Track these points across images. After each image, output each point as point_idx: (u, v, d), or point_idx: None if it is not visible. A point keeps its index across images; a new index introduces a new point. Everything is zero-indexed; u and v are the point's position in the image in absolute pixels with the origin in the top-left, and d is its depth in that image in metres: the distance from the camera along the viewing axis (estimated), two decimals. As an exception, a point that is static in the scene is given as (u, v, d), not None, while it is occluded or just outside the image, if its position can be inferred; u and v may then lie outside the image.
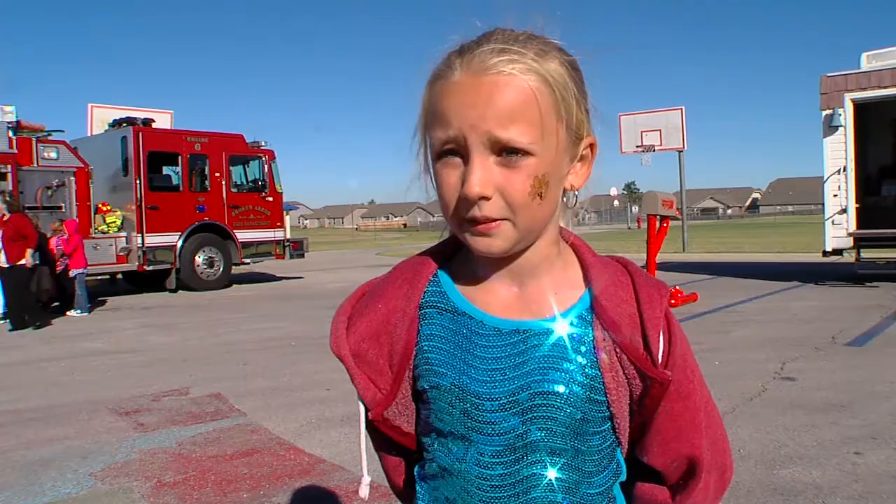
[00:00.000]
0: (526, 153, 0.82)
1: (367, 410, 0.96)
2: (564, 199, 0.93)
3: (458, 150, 0.84)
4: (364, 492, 1.00)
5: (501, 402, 0.88)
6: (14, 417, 5.46)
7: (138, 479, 4.00)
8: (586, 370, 0.88)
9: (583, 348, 0.89)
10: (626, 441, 0.93)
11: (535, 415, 0.87)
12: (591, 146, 0.92)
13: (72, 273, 12.15)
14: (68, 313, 12.09)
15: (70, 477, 4.07)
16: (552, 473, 0.88)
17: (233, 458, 4.31)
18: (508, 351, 0.89)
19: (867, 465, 3.80)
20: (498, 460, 0.88)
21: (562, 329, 0.89)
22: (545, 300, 0.91)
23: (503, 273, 0.92)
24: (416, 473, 1.00)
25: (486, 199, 0.83)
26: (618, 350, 0.89)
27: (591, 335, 0.89)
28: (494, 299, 0.92)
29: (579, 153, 0.91)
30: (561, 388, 0.87)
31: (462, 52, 0.85)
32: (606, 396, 0.89)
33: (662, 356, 0.89)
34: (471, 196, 0.82)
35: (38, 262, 11.30)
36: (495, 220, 0.84)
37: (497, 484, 0.88)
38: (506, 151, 0.82)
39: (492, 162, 0.83)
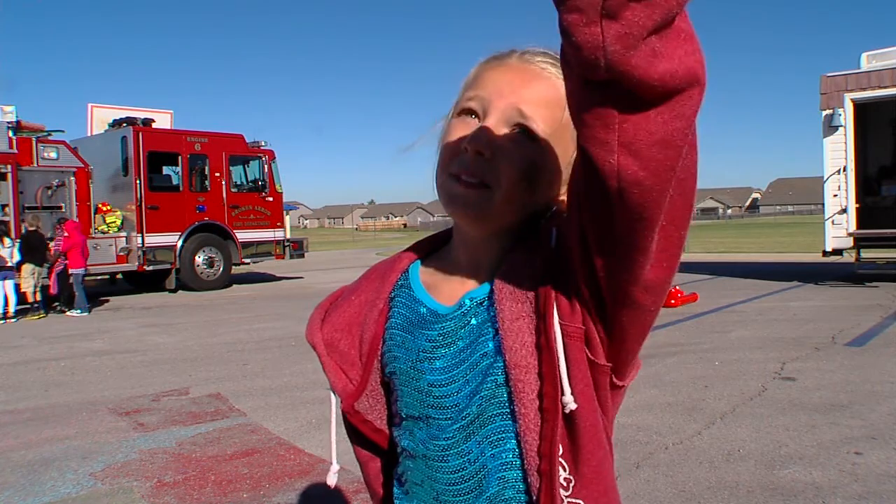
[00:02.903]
0: (535, 137, 0.86)
1: (338, 402, 0.99)
2: (548, 215, 0.91)
3: (478, 111, 0.88)
4: (332, 480, 1.03)
5: (449, 379, 0.89)
6: (14, 417, 5.46)
7: (138, 479, 4.00)
8: (493, 324, 0.86)
9: (490, 301, 0.87)
10: (522, 379, 0.85)
11: (479, 387, 0.87)
12: None
13: (70, 272, 12.17)
14: (68, 313, 12.10)
15: (70, 477, 4.07)
16: (503, 446, 0.86)
17: (233, 458, 4.31)
18: (458, 325, 0.90)
19: (867, 465, 3.80)
20: (455, 439, 0.88)
21: (481, 294, 0.90)
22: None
23: (470, 262, 0.94)
24: (393, 475, 1.01)
25: (482, 155, 0.84)
26: (518, 259, 0.87)
27: (489, 287, 0.89)
28: (452, 287, 0.94)
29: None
30: (490, 346, 0.86)
31: (523, 51, 0.91)
32: (500, 333, 0.85)
33: (558, 241, 0.85)
34: (470, 146, 0.85)
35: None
36: (480, 179, 0.85)
37: (458, 463, 0.88)
38: (518, 129, 0.86)
39: (503, 129, 0.86)
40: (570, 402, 0.80)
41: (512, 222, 0.90)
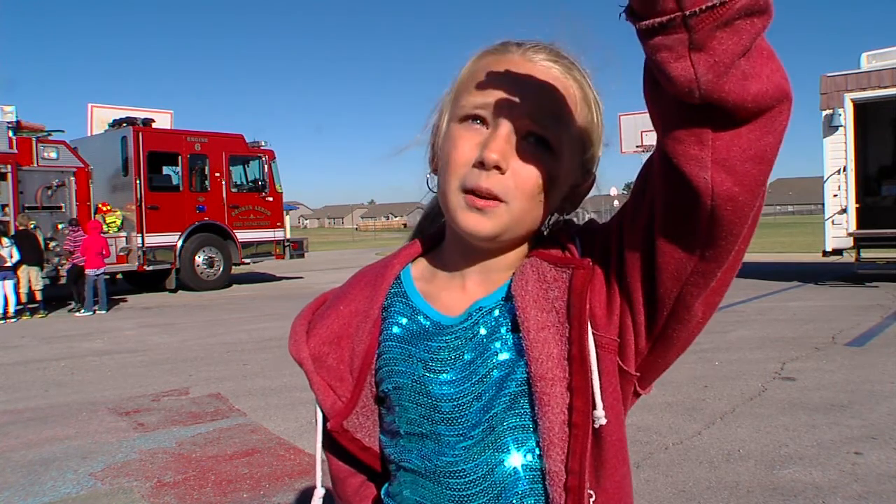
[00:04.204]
0: (549, 148, 0.83)
1: (325, 420, 0.93)
2: (545, 224, 0.91)
3: (486, 117, 0.84)
4: None
5: (458, 393, 0.86)
6: (14, 417, 5.46)
7: (138, 479, 4.01)
8: (511, 331, 0.85)
9: (502, 311, 0.86)
10: (545, 378, 0.85)
11: (494, 386, 0.84)
12: (591, 182, 0.93)
13: (86, 273, 12.24)
14: (79, 314, 12.16)
15: (70, 477, 4.07)
16: (521, 458, 0.84)
17: (233, 458, 4.31)
18: (466, 336, 0.87)
19: (867, 465, 3.80)
20: (469, 447, 0.85)
21: (490, 304, 0.88)
22: (499, 285, 0.89)
23: (472, 272, 0.91)
24: (383, 493, 0.96)
25: (500, 170, 0.81)
26: (541, 269, 0.85)
27: (504, 291, 0.87)
28: (456, 297, 0.91)
29: (580, 181, 0.91)
30: (509, 355, 0.84)
31: (519, 44, 0.87)
32: (522, 335, 0.84)
33: (583, 248, 0.85)
34: (488, 161, 0.81)
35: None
36: (495, 197, 0.82)
37: (471, 477, 0.85)
38: (534, 138, 0.83)
39: (518, 140, 0.83)
40: (601, 417, 0.79)
41: (521, 233, 0.87)
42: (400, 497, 0.91)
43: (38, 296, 12.19)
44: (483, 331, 0.86)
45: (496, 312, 0.87)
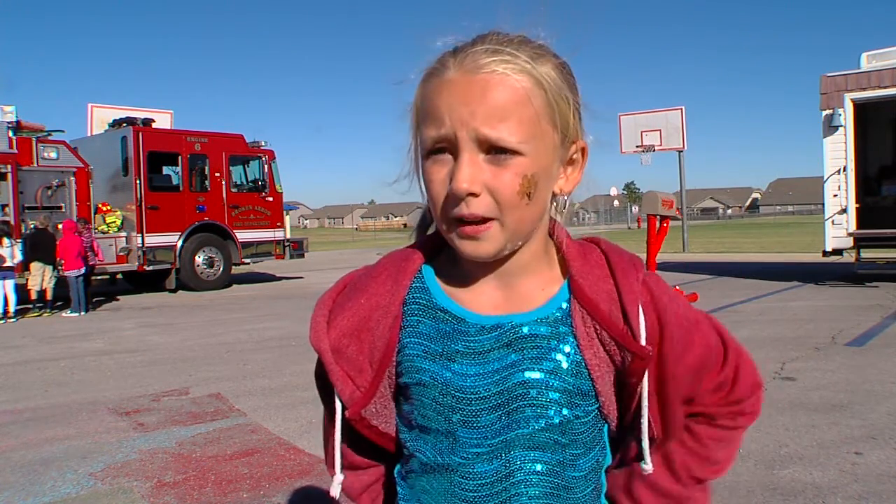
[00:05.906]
0: (515, 152, 0.82)
1: (343, 409, 0.95)
2: (554, 204, 0.92)
3: (448, 147, 0.83)
4: (336, 490, 0.99)
5: (485, 396, 0.87)
6: (14, 417, 5.46)
7: (138, 479, 4.00)
8: (570, 356, 0.87)
9: (562, 334, 0.88)
10: (613, 416, 0.92)
11: (519, 405, 0.86)
12: (583, 151, 0.91)
13: (64, 274, 12.19)
14: (63, 314, 12.13)
15: (70, 477, 4.07)
16: (537, 464, 0.87)
17: (233, 458, 4.31)
18: (491, 345, 0.88)
19: (867, 465, 3.80)
20: (483, 453, 0.87)
21: (543, 320, 0.89)
22: (529, 297, 0.91)
23: (489, 274, 0.92)
24: (396, 473, 0.99)
25: (475, 195, 0.82)
26: (597, 327, 0.87)
27: (570, 320, 0.88)
28: (478, 297, 0.92)
29: (569, 157, 0.90)
30: (541, 376, 0.86)
31: (456, 52, 0.85)
32: (592, 381, 0.88)
33: (648, 330, 0.87)
34: (459, 192, 0.81)
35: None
36: (483, 219, 0.83)
37: (482, 480, 0.87)
38: (495, 150, 0.82)
39: (481, 160, 0.82)
40: (648, 467, 0.93)
41: (525, 236, 0.88)
42: (412, 481, 0.94)
43: (49, 294, 12.19)
44: (515, 347, 0.88)
45: (525, 332, 0.89)
